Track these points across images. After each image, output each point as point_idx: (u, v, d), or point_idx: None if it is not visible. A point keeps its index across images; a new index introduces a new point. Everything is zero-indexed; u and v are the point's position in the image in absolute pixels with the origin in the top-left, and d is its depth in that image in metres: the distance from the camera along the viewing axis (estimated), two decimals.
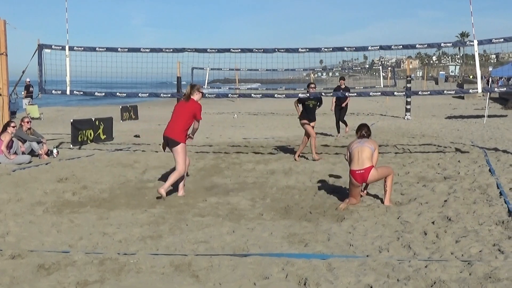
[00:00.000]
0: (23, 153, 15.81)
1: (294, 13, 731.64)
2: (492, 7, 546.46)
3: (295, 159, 15.55)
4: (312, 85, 16.30)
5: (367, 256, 7.10)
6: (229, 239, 8.06)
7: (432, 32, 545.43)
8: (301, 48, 16.72)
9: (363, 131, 10.28)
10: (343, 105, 22.89)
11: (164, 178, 12.98)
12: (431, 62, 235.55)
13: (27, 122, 16.59)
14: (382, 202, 10.08)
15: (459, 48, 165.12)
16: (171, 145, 11.20)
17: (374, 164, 9.78)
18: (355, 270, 6.50)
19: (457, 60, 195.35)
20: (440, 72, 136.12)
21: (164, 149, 11.55)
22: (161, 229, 8.65)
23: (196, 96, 11.26)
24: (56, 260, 6.98)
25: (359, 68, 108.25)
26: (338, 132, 22.83)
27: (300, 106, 15.89)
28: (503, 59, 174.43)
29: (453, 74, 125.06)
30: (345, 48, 16.48)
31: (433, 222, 8.63)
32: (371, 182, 10.02)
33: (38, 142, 16.38)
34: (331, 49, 16.57)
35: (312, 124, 15.85)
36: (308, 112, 15.82)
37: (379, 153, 10.22)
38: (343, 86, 22.40)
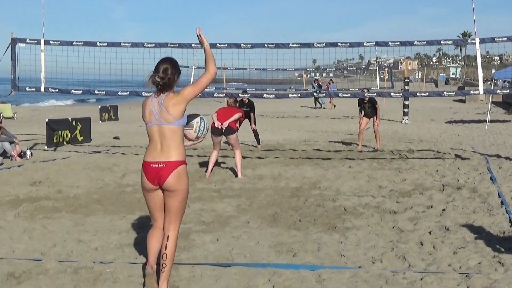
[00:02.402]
0: None
1: (286, 9, 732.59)
2: (496, 5, 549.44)
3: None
4: None
5: (359, 267, 7.11)
6: (212, 247, 8.05)
7: (433, 30, 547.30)
8: (292, 43, 16.70)
9: None
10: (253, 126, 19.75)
11: None
12: (431, 63, 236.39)
13: None
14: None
15: (460, 49, 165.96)
16: (226, 133, 13.87)
17: None
18: (346, 282, 6.51)
19: (458, 62, 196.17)
20: (440, 74, 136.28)
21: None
22: (140, 237, 8.62)
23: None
24: (27, 269, 6.95)
25: (355, 68, 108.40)
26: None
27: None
28: (507, 61, 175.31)
29: (454, 76, 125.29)
30: (339, 44, 16.51)
31: (430, 232, 8.66)
32: None
33: (11, 143, 16.32)
34: (324, 44, 16.57)
35: None
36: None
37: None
38: (246, 102, 19.32)
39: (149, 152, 6.19)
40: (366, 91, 19.03)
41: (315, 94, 28.62)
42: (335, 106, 45.32)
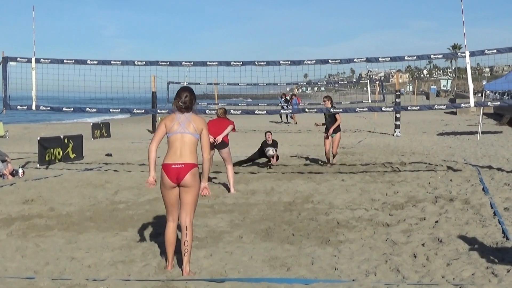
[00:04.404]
0: None
1: (278, 24, 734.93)
2: (486, 18, 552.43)
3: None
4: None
5: (353, 280, 7.12)
6: (206, 263, 8.04)
7: (424, 44, 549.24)
8: (283, 61, 16.78)
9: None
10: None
11: (137, 199, 13.01)
12: (422, 76, 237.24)
13: None
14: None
15: (451, 61, 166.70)
16: (219, 147, 13.93)
17: None
18: None
19: (449, 74, 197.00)
20: (432, 87, 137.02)
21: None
22: (133, 253, 8.62)
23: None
24: (20, 287, 6.92)
25: (346, 82, 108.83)
26: None
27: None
28: (497, 72, 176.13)
29: (445, 88, 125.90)
30: (330, 61, 16.57)
31: (423, 244, 8.67)
32: None
33: (3, 161, 16.28)
34: (314, 61, 16.65)
35: None
36: None
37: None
38: (270, 142, 18.86)
39: (169, 156, 7.59)
40: (328, 102, 18.48)
41: (281, 110, 28.64)
42: (296, 123, 42.74)
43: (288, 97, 45.14)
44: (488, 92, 37.44)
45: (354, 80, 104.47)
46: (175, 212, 7.77)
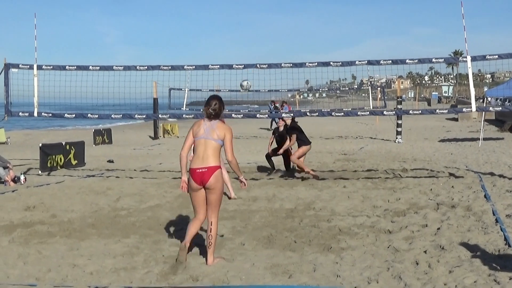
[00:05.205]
0: None
1: (280, 30, 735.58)
2: (487, 24, 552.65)
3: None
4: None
5: (355, 287, 7.10)
6: (208, 270, 8.03)
7: (426, 50, 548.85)
8: (284, 63, 16.77)
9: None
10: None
11: (138, 205, 13.02)
12: (423, 82, 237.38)
13: None
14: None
15: (452, 67, 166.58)
16: None
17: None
18: None
19: (450, 80, 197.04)
20: (433, 93, 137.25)
21: None
22: (135, 260, 8.62)
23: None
24: None
25: (347, 88, 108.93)
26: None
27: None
28: (498, 78, 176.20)
29: (446, 94, 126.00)
30: (331, 63, 16.58)
31: (425, 251, 8.66)
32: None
33: (4, 168, 16.30)
34: (316, 63, 16.65)
35: None
36: None
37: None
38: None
39: (193, 161, 8.23)
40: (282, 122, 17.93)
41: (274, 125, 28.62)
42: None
43: (278, 105, 44.99)
44: (489, 98, 37.37)
45: (356, 86, 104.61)
46: (201, 211, 8.41)
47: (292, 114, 18.13)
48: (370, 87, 50.88)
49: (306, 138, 17.66)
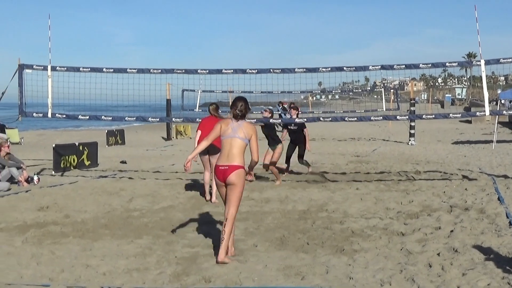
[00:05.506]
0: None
1: (290, 31, 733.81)
2: (501, 26, 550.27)
3: None
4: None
5: None
6: (220, 271, 8.03)
7: (438, 51, 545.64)
8: (298, 68, 16.76)
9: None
10: None
11: (151, 206, 13.05)
12: (437, 84, 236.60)
13: (7, 147, 16.59)
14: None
15: (466, 70, 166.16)
16: (212, 152, 13.21)
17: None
18: None
19: (464, 82, 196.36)
20: (446, 95, 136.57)
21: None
22: (148, 261, 8.63)
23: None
24: None
25: (360, 90, 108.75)
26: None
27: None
28: None
29: (460, 97, 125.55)
30: (345, 68, 16.55)
31: (438, 254, 8.63)
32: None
33: (18, 168, 16.35)
34: (329, 69, 16.63)
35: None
36: None
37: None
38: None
39: (220, 158, 8.64)
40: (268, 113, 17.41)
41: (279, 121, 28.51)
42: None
43: (286, 106, 44.98)
44: (503, 100, 37.26)
45: (369, 88, 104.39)
46: None
47: (305, 119, 18.08)
48: (383, 89, 50.84)
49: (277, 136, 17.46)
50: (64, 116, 18.43)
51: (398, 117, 19.41)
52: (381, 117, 19.40)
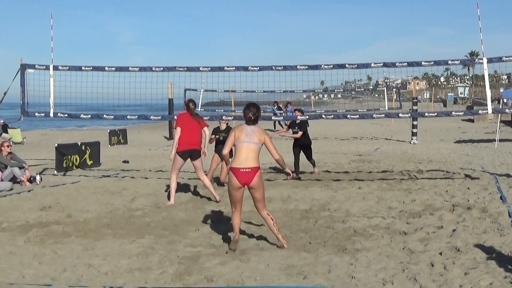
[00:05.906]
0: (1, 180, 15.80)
1: (292, 31, 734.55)
2: (504, 25, 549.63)
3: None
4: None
5: None
6: (222, 270, 8.04)
7: (441, 51, 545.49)
8: (300, 66, 16.73)
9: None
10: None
11: (153, 206, 13.05)
12: (439, 83, 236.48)
13: (7, 146, 16.59)
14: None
15: (468, 68, 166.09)
16: (195, 157, 13.46)
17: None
18: None
19: (466, 81, 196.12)
20: (449, 94, 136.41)
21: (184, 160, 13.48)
22: (150, 261, 8.63)
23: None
24: None
25: (363, 89, 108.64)
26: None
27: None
28: None
29: (462, 95, 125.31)
30: (347, 66, 16.55)
31: (440, 253, 8.63)
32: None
33: (20, 168, 16.36)
34: (331, 66, 16.62)
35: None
36: None
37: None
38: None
39: (237, 161, 9.03)
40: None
41: (273, 117, 28.61)
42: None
43: (281, 105, 44.99)
44: (505, 99, 37.23)
45: (371, 87, 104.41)
46: (239, 206, 9.33)
47: (307, 117, 18.06)
48: (385, 88, 50.78)
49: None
50: (66, 115, 18.46)
51: (400, 115, 19.37)
52: (383, 115, 19.42)
